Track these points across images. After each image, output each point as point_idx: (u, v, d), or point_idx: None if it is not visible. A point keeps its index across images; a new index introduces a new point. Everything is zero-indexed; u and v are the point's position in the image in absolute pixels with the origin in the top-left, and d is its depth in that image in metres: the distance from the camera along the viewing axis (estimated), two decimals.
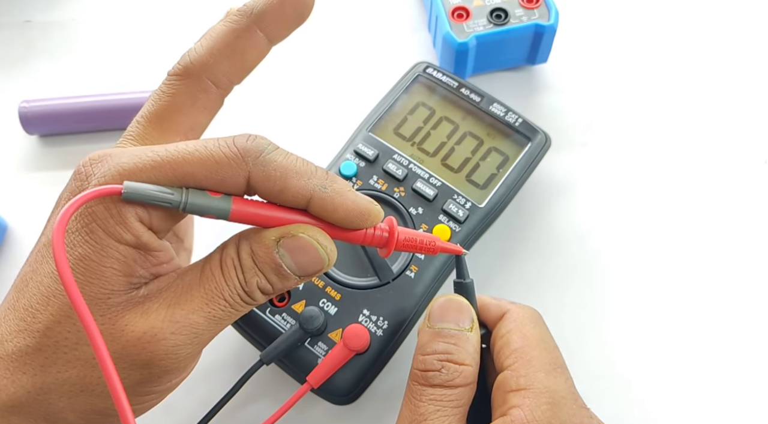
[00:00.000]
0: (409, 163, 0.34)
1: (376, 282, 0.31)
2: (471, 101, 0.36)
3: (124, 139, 0.24)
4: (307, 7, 0.25)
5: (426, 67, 0.37)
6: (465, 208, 0.33)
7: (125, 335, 0.20)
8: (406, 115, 0.36)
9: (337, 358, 0.29)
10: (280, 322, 0.30)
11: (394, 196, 0.33)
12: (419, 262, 0.31)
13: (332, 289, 0.31)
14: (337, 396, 0.29)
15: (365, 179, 0.33)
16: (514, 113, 0.36)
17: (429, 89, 0.37)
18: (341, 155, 0.35)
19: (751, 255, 0.35)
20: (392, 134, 0.35)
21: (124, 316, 0.21)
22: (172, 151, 0.21)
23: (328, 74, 0.42)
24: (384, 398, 0.32)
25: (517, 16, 0.38)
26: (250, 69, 0.26)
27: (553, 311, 0.29)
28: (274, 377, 0.32)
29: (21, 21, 0.45)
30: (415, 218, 0.32)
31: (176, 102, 0.24)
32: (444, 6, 0.38)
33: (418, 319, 0.31)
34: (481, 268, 0.35)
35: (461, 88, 0.36)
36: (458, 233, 0.32)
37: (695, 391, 0.32)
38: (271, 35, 0.25)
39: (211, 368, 0.32)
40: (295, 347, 0.29)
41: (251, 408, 0.32)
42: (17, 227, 0.37)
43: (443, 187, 0.33)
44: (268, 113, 0.41)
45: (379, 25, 0.44)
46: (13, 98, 0.40)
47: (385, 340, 0.30)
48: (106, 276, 0.20)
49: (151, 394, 0.22)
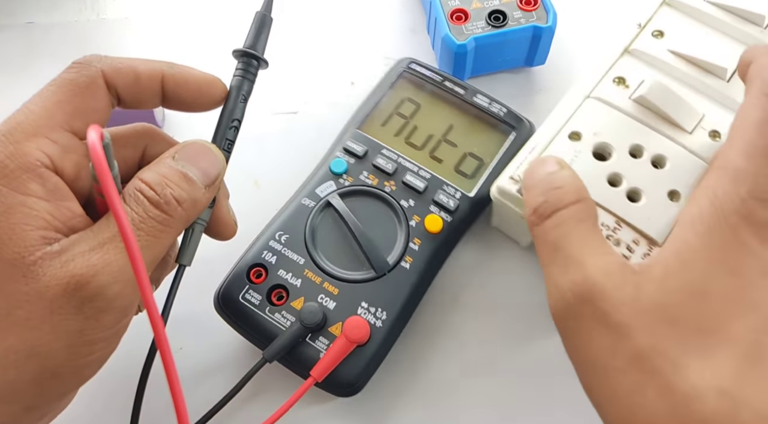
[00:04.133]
0: (398, 157, 0.34)
1: (373, 275, 0.31)
2: (456, 94, 0.37)
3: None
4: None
5: (410, 62, 0.38)
6: (455, 198, 0.33)
7: (51, 289, 0.20)
8: (392, 110, 0.36)
9: (340, 351, 0.29)
10: (280, 320, 0.30)
11: (385, 190, 0.34)
12: (413, 253, 0.32)
13: (329, 284, 0.31)
14: (341, 388, 0.30)
15: (356, 175, 0.34)
16: (497, 103, 0.36)
17: (414, 84, 0.37)
18: (331, 153, 0.35)
19: None
20: (380, 130, 0.36)
21: (46, 272, 0.21)
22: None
23: (327, 74, 0.42)
24: (386, 389, 0.32)
25: (516, 18, 0.38)
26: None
27: None
28: (274, 376, 0.32)
29: (23, 23, 0.45)
30: (407, 211, 0.33)
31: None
32: (443, 8, 0.39)
33: (415, 308, 0.32)
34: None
35: (445, 81, 0.37)
36: (450, 222, 0.33)
37: None
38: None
39: (211, 369, 0.33)
40: (296, 343, 0.30)
41: (254, 407, 0.32)
42: None
43: (433, 179, 0.34)
44: (268, 113, 0.41)
45: (379, 26, 0.44)
46: (14, 100, 0.40)
47: (386, 330, 0.30)
48: (17, 234, 0.21)
49: (98, 341, 0.22)
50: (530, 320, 0.34)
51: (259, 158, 0.39)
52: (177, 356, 0.33)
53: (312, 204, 0.33)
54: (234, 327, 0.31)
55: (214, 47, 0.43)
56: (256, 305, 0.31)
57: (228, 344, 0.33)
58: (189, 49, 0.44)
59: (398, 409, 0.32)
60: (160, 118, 0.40)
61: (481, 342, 0.33)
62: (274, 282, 0.31)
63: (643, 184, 0.29)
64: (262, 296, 0.31)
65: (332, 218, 0.33)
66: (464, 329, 0.34)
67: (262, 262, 0.32)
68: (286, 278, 0.31)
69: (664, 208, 0.29)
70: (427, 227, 0.33)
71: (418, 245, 0.32)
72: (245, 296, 0.31)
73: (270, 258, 0.32)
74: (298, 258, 0.32)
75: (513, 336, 0.33)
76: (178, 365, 0.33)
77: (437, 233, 0.33)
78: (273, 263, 0.32)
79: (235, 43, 0.28)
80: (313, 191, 0.34)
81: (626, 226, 0.29)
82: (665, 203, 0.29)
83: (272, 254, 0.32)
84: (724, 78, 0.31)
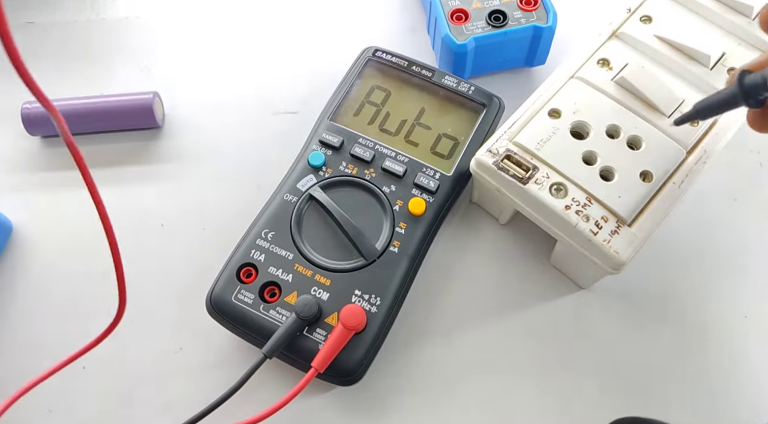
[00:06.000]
0: (375, 144, 0.35)
1: (363, 262, 0.32)
2: (423, 77, 0.37)
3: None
4: None
5: (375, 50, 0.38)
6: (435, 179, 0.34)
7: None
8: (363, 99, 0.37)
9: (338, 340, 0.29)
10: (275, 316, 0.30)
11: (366, 178, 0.34)
12: (400, 236, 0.32)
13: (321, 276, 0.31)
14: (343, 377, 0.30)
15: (335, 167, 0.34)
16: (466, 83, 0.37)
17: (381, 72, 0.38)
18: (307, 147, 0.35)
19: None
20: (353, 119, 0.36)
21: None
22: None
23: (327, 74, 0.42)
24: (386, 375, 0.33)
25: (516, 18, 0.38)
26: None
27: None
28: (273, 373, 0.32)
29: (23, 23, 0.44)
30: (389, 196, 0.33)
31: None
32: (443, 8, 0.38)
33: (408, 291, 0.32)
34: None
35: (412, 66, 0.37)
36: (433, 204, 0.33)
37: None
38: None
39: (212, 369, 0.33)
40: (294, 336, 0.30)
41: (255, 405, 0.32)
42: (19, 227, 0.37)
43: (411, 163, 0.34)
44: (268, 113, 0.41)
45: (379, 26, 0.44)
46: (15, 100, 0.39)
47: (382, 316, 0.31)
48: None
49: None
50: (511, 293, 0.35)
51: (259, 158, 0.39)
52: (177, 356, 0.33)
53: (294, 199, 0.33)
54: (230, 329, 0.31)
55: (213, 47, 0.43)
56: (249, 304, 0.31)
57: (228, 345, 0.33)
58: (189, 49, 0.43)
59: (398, 392, 0.32)
60: (160, 118, 0.40)
61: (470, 318, 0.34)
62: (265, 280, 0.31)
63: (617, 163, 0.30)
64: (254, 295, 0.31)
65: (316, 210, 0.33)
66: (454, 308, 0.34)
67: (250, 261, 0.32)
68: (277, 274, 0.31)
69: (636, 188, 0.30)
70: (410, 210, 0.33)
71: (404, 229, 0.33)
72: (237, 296, 0.31)
73: (258, 256, 0.32)
74: (287, 253, 0.32)
75: (500, 311, 0.34)
76: (178, 365, 0.33)
77: (421, 215, 0.33)
78: (262, 261, 0.32)
79: (235, 43, 0.28)
80: (294, 186, 0.34)
81: (596, 202, 0.29)
82: (637, 183, 0.30)
83: (260, 252, 0.32)
84: (708, 65, 0.32)
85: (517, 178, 0.30)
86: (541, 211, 0.30)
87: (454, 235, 0.36)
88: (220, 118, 0.40)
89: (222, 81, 0.42)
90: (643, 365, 0.33)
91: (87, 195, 0.23)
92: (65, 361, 0.29)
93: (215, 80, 0.42)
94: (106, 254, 0.37)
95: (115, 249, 0.25)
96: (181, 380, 0.33)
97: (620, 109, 0.31)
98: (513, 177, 0.30)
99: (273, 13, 0.45)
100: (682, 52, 0.33)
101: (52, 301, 0.35)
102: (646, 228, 0.29)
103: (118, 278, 0.26)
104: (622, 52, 0.33)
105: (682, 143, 0.31)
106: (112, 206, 0.38)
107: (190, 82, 0.42)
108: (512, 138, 0.31)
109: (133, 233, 0.36)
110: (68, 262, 0.36)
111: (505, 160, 0.31)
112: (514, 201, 0.31)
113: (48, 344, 0.34)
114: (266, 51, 0.43)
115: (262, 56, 0.43)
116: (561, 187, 0.30)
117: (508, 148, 0.31)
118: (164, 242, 0.36)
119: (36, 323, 0.34)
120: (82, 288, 0.35)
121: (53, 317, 0.34)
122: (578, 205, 0.29)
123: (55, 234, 0.37)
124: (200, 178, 0.38)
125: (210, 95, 0.41)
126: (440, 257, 0.35)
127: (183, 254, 0.36)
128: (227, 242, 0.33)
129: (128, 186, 0.38)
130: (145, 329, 0.34)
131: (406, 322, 0.33)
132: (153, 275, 0.35)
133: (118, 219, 0.37)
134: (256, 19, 0.44)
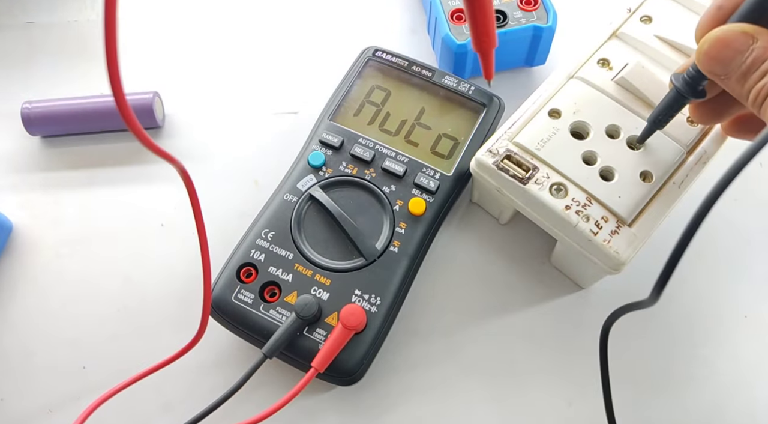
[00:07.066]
0: (375, 144, 0.35)
1: (363, 262, 0.32)
2: (423, 77, 0.37)
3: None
4: None
5: (375, 50, 0.38)
6: (435, 179, 0.34)
7: None
8: (363, 99, 0.37)
9: (338, 339, 0.29)
10: (276, 316, 0.30)
11: (366, 178, 0.34)
12: (400, 236, 0.32)
13: (321, 276, 0.31)
14: (343, 377, 0.30)
15: (335, 167, 0.34)
16: (466, 83, 0.37)
17: (381, 72, 0.38)
18: (307, 147, 0.35)
19: None
20: (353, 119, 0.36)
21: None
22: None
23: (327, 74, 0.42)
24: (386, 375, 0.33)
25: (516, 18, 0.38)
26: None
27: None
28: (272, 374, 0.32)
29: (23, 22, 0.44)
30: (389, 196, 0.33)
31: None
32: (443, 8, 0.38)
33: (408, 291, 0.32)
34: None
35: (412, 66, 0.37)
36: (433, 204, 0.33)
37: None
38: None
39: (212, 369, 0.33)
40: (294, 336, 0.30)
41: (255, 405, 0.32)
42: (19, 227, 0.37)
43: (411, 163, 0.34)
44: (268, 113, 0.41)
45: (379, 26, 0.44)
46: (15, 100, 0.39)
47: (381, 316, 0.31)
48: None
49: None
50: (512, 293, 0.35)
51: (259, 158, 0.39)
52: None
53: (294, 199, 0.33)
54: (230, 329, 0.31)
55: (214, 47, 0.43)
56: (249, 304, 0.31)
57: (228, 345, 0.33)
58: (189, 49, 0.43)
59: (398, 392, 0.32)
60: (160, 118, 0.40)
61: (470, 318, 0.34)
62: (265, 280, 0.31)
63: (617, 163, 0.30)
64: (254, 295, 0.31)
65: (316, 210, 0.33)
66: (454, 308, 0.34)
67: (250, 261, 0.32)
68: (277, 274, 0.31)
69: (636, 189, 0.30)
70: (410, 210, 0.33)
71: (404, 229, 0.33)
72: (238, 296, 0.31)
73: (258, 256, 0.32)
74: (287, 253, 0.32)
75: (500, 311, 0.34)
76: (179, 365, 0.33)
77: (421, 215, 0.33)
78: (262, 261, 0.32)
79: (234, 43, 0.28)
80: (294, 186, 0.34)
81: (596, 203, 0.29)
82: (637, 184, 0.30)
83: (260, 252, 0.32)
84: None
85: (517, 178, 0.30)
86: (541, 211, 0.30)
87: (454, 235, 0.36)
88: (220, 118, 0.40)
89: (222, 81, 0.42)
90: (643, 365, 0.33)
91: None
92: (139, 375, 0.30)
93: (215, 80, 0.42)
94: (105, 254, 0.37)
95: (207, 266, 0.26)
96: (181, 380, 0.33)
97: (620, 109, 0.31)
98: (513, 177, 0.30)
99: (273, 13, 0.45)
100: (683, 52, 0.33)
101: (52, 301, 0.35)
102: (646, 228, 0.29)
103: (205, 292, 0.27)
104: (622, 52, 0.33)
105: (682, 143, 0.31)
106: (113, 206, 0.38)
107: (190, 82, 0.42)
108: (512, 138, 0.31)
109: (133, 233, 0.36)
110: (68, 262, 0.36)
111: (505, 160, 0.31)
112: (514, 201, 0.31)
113: (48, 344, 0.34)
114: (266, 51, 0.43)
115: (262, 56, 0.43)
116: (561, 187, 0.30)
117: (508, 148, 0.31)
118: (164, 242, 0.36)
119: (36, 323, 0.34)
120: (81, 288, 0.35)
121: (53, 317, 0.34)
122: (578, 205, 0.29)
123: (55, 234, 0.37)
124: (200, 178, 0.38)
125: (210, 95, 0.41)
126: (440, 257, 0.35)
127: (183, 254, 0.36)
128: (227, 242, 0.33)
129: (128, 186, 0.38)
130: (145, 329, 0.34)
131: (406, 322, 0.33)
132: (153, 275, 0.35)
133: (118, 219, 0.37)
134: (256, 19, 0.44)
